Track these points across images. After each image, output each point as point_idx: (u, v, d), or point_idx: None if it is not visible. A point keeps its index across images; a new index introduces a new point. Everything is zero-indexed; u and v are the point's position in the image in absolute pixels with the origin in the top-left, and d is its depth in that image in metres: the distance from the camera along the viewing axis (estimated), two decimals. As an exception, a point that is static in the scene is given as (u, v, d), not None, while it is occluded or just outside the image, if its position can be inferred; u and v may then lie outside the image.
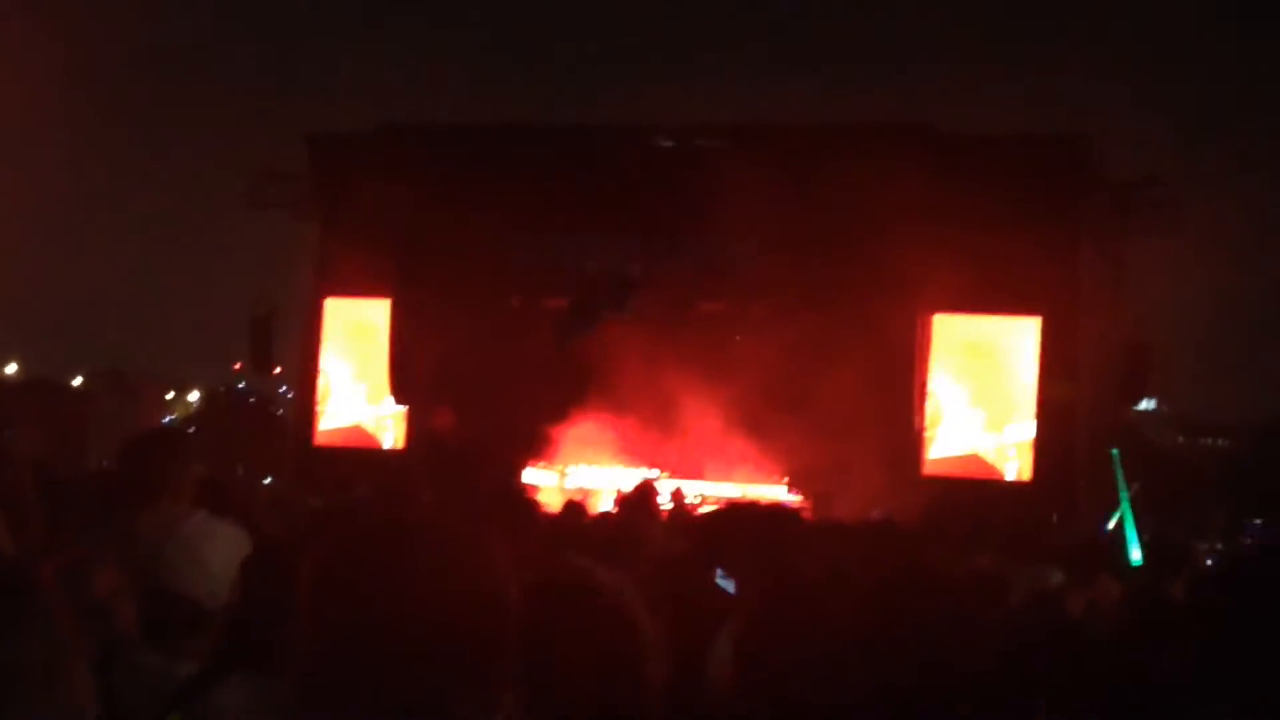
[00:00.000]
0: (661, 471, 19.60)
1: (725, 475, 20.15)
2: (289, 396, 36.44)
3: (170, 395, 71.83)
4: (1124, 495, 18.56)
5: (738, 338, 23.12)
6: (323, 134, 25.70)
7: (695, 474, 20.17)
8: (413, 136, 24.16)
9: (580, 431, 20.72)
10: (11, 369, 56.51)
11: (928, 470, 22.22)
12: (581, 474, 20.19)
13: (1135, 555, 13.67)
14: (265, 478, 18.74)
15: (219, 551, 4.22)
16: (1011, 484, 21.75)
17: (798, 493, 19.27)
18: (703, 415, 20.70)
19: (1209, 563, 11.10)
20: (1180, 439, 67.90)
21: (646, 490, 9.67)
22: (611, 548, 6.84)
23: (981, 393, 22.73)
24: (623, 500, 10.69)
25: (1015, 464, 22.14)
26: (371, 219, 22.66)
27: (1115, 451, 20.29)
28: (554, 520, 8.44)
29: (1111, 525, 18.58)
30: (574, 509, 9.54)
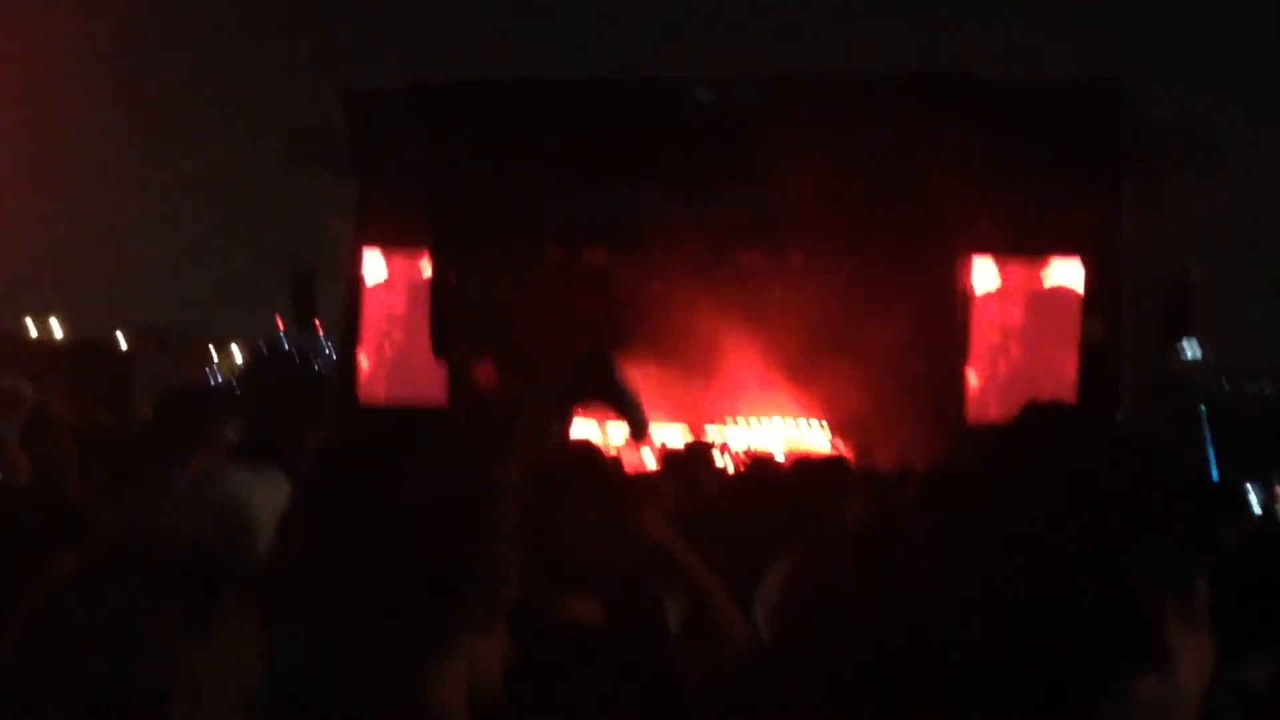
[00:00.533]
0: (704, 423, 19.66)
1: (767, 425, 20.19)
2: (330, 353, 36.62)
3: (213, 353, 72.28)
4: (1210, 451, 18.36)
5: (777, 287, 23.14)
6: (358, 89, 25.71)
7: (736, 424, 20.22)
8: (449, 91, 24.19)
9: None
10: (55, 324, 56.96)
11: (972, 417, 22.19)
12: (622, 425, 20.23)
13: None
14: (309, 433, 18.69)
15: (266, 503, 4.22)
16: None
17: (840, 441, 19.29)
18: (743, 365, 20.74)
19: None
20: (1225, 385, 67.54)
21: (697, 452, 9.71)
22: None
23: (1024, 337, 22.68)
24: (670, 460, 10.73)
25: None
26: (408, 174, 22.76)
27: (1203, 407, 20.21)
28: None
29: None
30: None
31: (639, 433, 6.57)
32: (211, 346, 70.75)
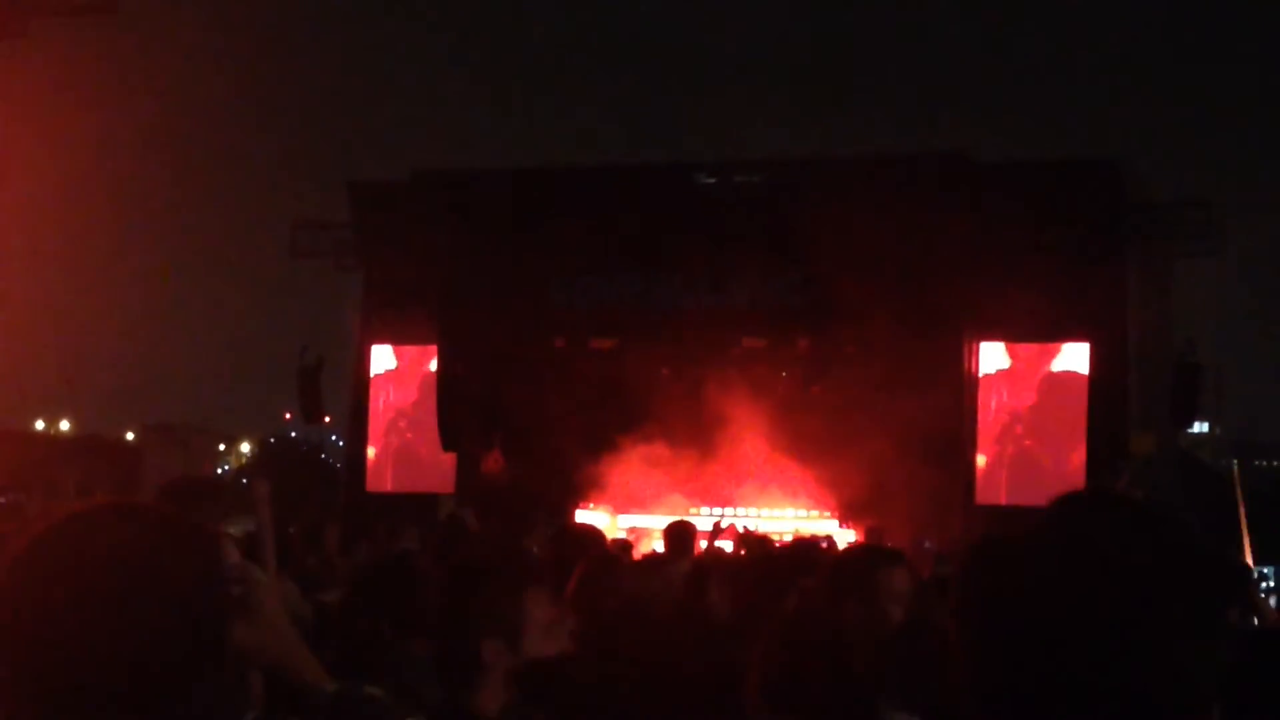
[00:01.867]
0: (711, 509, 19.55)
1: (777, 510, 20.08)
2: (340, 445, 36.62)
3: (221, 447, 72.28)
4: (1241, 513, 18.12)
5: (784, 373, 23.13)
6: (362, 182, 25.87)
7: (746, 510, 20.11)
8: (451, 182, 24.33)
9: (629, 472, 20.71)
10: (65, 427, 57.02)
11: (980, 499, 22.10)
12: (632, 516, 20.11)
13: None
14: (320, 527, 18.69)
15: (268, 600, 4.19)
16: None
17: (849, 526, 19.17)
18: (751, 451, 20.66)
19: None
20: (1235, 462, 67.29)
21: (683, 529, 9.66)
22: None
23: (1032, 420, 22.63)
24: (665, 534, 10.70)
25: (1069, 490, 21.90)
26: (414, 265, 22.85)
27: (1235, 464, 20.07)
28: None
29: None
30: (621, 548, 9.58)
31: None
32: (220, 441, 70.86)
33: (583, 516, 19.55)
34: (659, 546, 12.83)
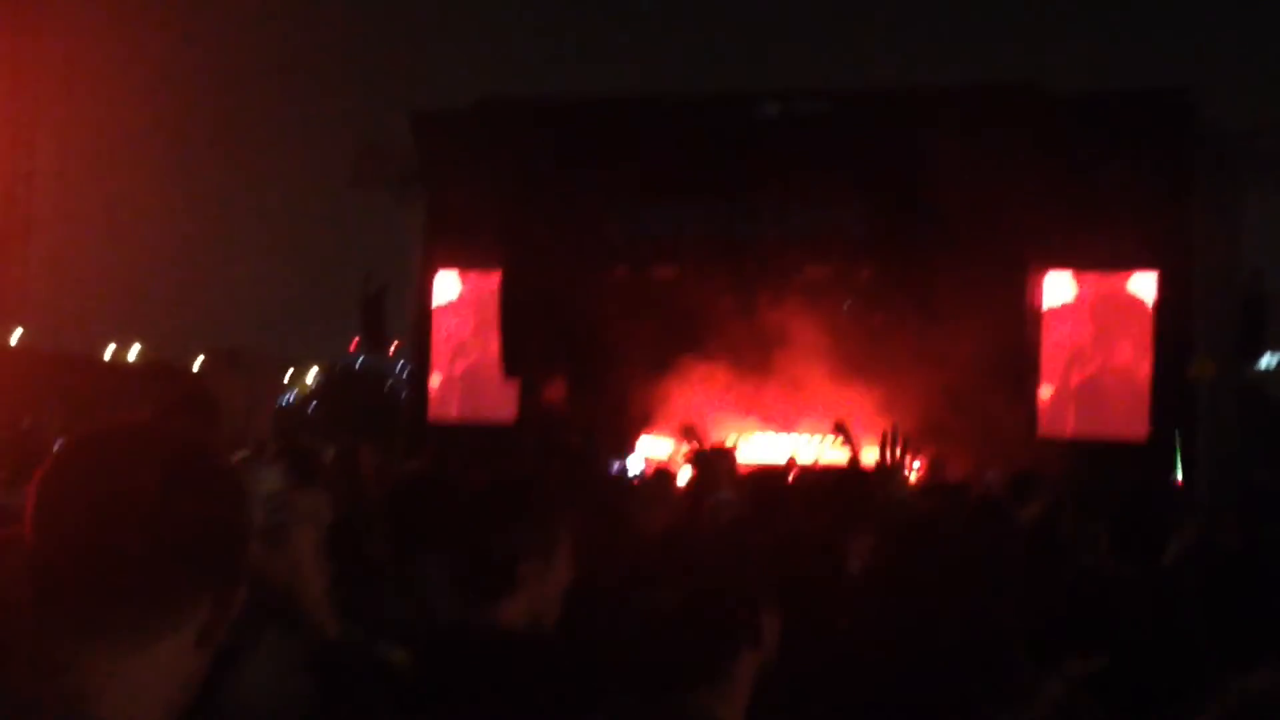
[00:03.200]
0: (774, 435, 19.60)
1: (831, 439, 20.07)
2: (404, 373, 36.81)
3: (289, 373, 72.76)
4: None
5: (847, 301, 23.06)
6: (425, 111, 25.87)
7: (810, 436, 20.14)
8: (514, 110, 24.26)
9: (692, 400, 20.73)
10: (134, 353, 57.53)
11: (1043, 431, 21.99)
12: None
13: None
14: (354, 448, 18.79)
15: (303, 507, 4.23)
16: (1129, 444, 21.45)
17: (912, 455, 19.12)
18: (815, 380, 20.64)
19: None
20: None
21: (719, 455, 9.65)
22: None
23: (1097, 350, 22.49)
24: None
25: (1133, 424, 21.81)
26: (477, 193, 22.86)
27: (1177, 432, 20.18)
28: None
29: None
30: (662, 475, 9.62)
31: None
32: (287, 367, 71.26)
33: (645, 443, 19.64)
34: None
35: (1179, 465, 19.48)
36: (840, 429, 5.90)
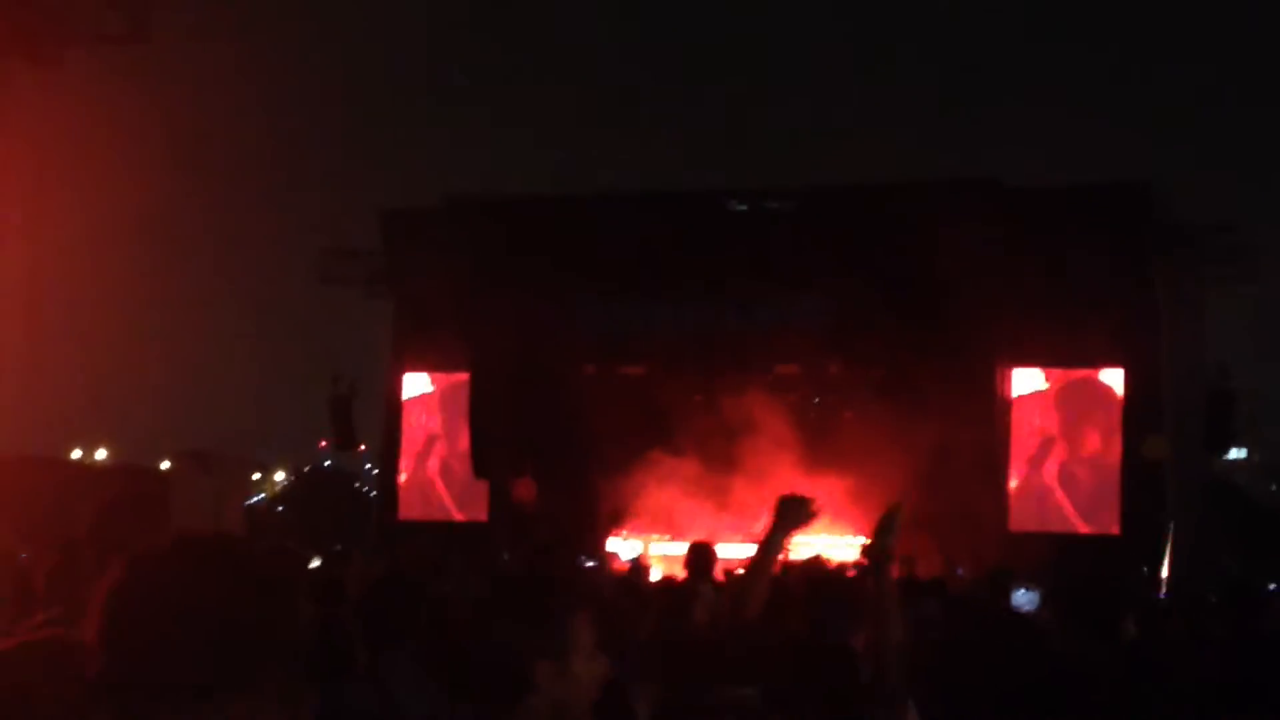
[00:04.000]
0: (744, 536, 19.50)
1: (808, 536, 19.97)
2: (374, 473, 36.69)
3: (256, 476, 72.39)
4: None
5: (816, 399, 23.07)
6: (392, 210, 25.91)
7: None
8: (480, 209, 24.31)
9: (661, 499, 20.67)
10: (101, 455, 57.18)
11: (1013, 526, 21.96)
12: (665, 543, 20.05)
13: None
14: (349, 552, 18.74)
15: None
16: (1099, 538, 21.45)
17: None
18: (784, 477, 20.57)
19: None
20: (1274, 488, 66.80)
21: (702, 551, 9.57)
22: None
23: (1066, 446, 22.51)
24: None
25: (1103, 517, 21.82)
26: (445, 292, 22.85)
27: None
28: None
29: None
30: (637, 569, 9.59)
31: None
32: (254, 469, 70.94)
33: (614, 545, 19.51)
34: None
35: (1164, 557, 19.53)
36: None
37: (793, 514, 5.75)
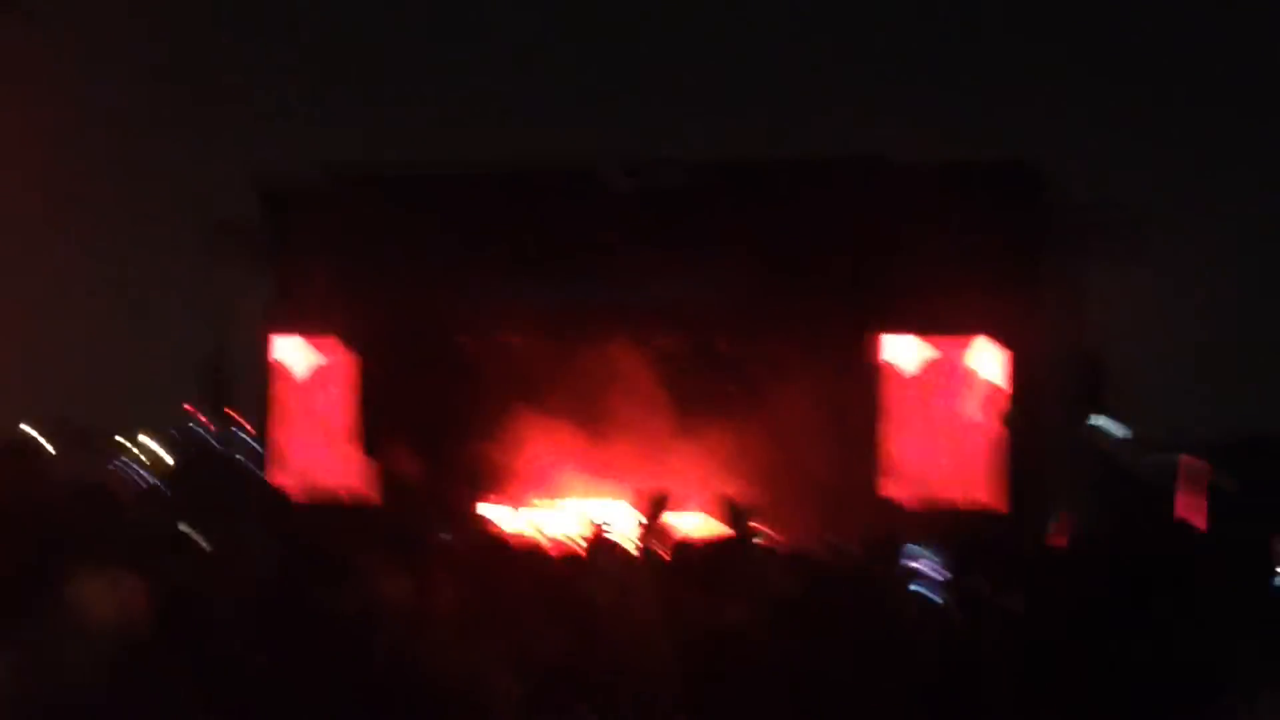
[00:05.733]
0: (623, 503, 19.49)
1: (686, 505, 20.00)
2: (248, 443, 36.23)
3: (131, 448, 71.42)
4: None
5: (698, 372, 23.07)
6: (272, 182, 25.54)
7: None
8: (358, 181, 24.02)
9: (538, 466, 20.61)
10: (-31, 429, 56.23)
11: (885, 493, 22.12)
12: (533, 511, 20.01)
13: None
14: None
15: None
16: (971, 505, 21.67)
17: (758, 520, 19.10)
18: (662, 447, 20.60)
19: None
20: (1149, 459, 67.75)
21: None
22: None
23: (940, 414, 22.67)
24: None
25: (974, 485, 22.04)
26: (320, 265, 22.62)
27: None
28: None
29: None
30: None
31: None
32: (128, 440, 70.06)
33: (484, 511, 19.44)
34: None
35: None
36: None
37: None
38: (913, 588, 6.49)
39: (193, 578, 5.13)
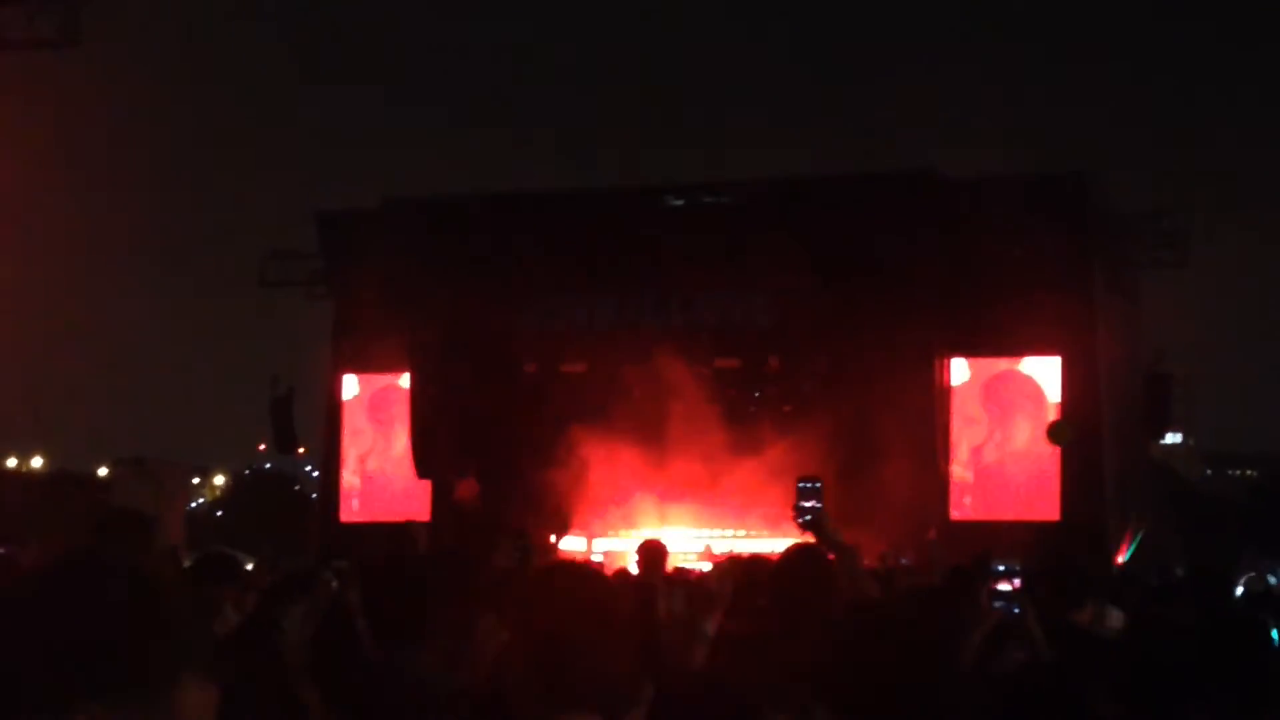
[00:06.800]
0: (687, 531, 19.56)
1: (753, 528, 20.05)
2: (314, 475, 36.50)
3: (196, 480, 71.91)
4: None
5: (756, 392, 23.11)
6: (331, 211, 25.82)
7: (722, 528, 20.09)
8: (417, 210, 24.22)
9: (603, 497, 20.65)
10: (37, 463, 56.59)
11: (955, 515, 22.08)
12: (607, 540, 20.02)
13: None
14: (288, 557, 18.62)
15: None
16: (1039, 524, 21.58)
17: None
18: (727, 471, 20.63)
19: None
20: (1208, 471, 67.40)
21: (654, 550, 9.57)
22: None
23: (1003, 435, 22.64)
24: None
25: (1042, 505, 21.96)
26: (384, 293, 22.78)
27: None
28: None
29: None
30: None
31: None
32: (194, 474, 70.48)
33: (555, 540, 19.46)
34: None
35: (1134, 545, 19.75)
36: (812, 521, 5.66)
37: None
38: (995, 604, 6.54)
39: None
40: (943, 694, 3.43)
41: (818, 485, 5.43)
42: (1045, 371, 22.49)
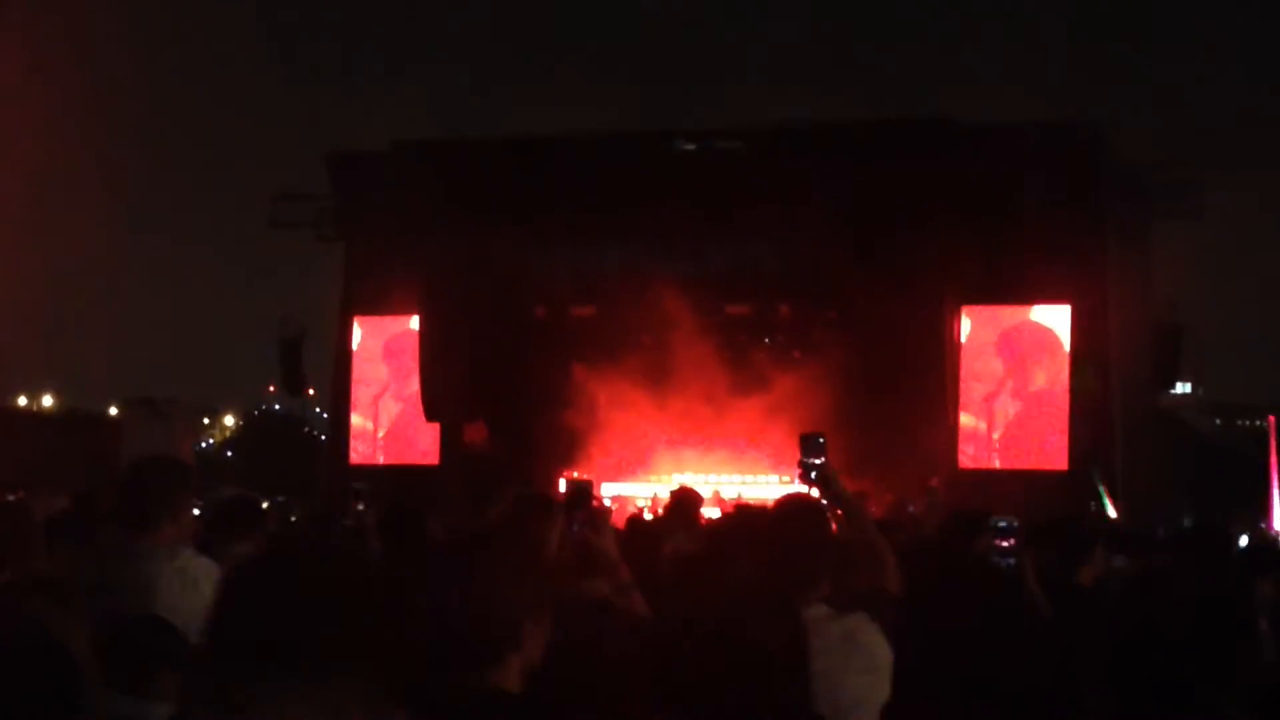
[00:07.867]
0: (694, 477, 19.57)
1: (761, 473, 20.09)
2: (324, 416, 36.53)
3: (206, 420, 72.08)
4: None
5: (766, 339, 23.09)
6: (340, 153, 25.73)
7: (729, 477, 20.12)
8: (430, 152, 24.11)
9: (612, 440, 20.67)
10: (47, 402, 56.72)
11: (964, 463, 22.11)
12: (615, 484, 20.06)
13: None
14: (298, 500, 18.68)
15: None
16: (1048, 473, 21.61)
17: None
18: (735, 418, 20.64)
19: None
20: (1217, 422, 67.30)
21: (687, 496, 9.53)
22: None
23: (1015, 384, 22.63)
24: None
25: (1051, 454, 21.99)
26: (394, 236, 22.74)
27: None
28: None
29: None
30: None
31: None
32: (203, 415, 70.65)
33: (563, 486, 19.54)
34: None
35: (1105, 498, 19.70)
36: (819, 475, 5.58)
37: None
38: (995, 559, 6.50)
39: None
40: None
41: (821, 440, 5.39)
42: (1056, 319, 22.46)
